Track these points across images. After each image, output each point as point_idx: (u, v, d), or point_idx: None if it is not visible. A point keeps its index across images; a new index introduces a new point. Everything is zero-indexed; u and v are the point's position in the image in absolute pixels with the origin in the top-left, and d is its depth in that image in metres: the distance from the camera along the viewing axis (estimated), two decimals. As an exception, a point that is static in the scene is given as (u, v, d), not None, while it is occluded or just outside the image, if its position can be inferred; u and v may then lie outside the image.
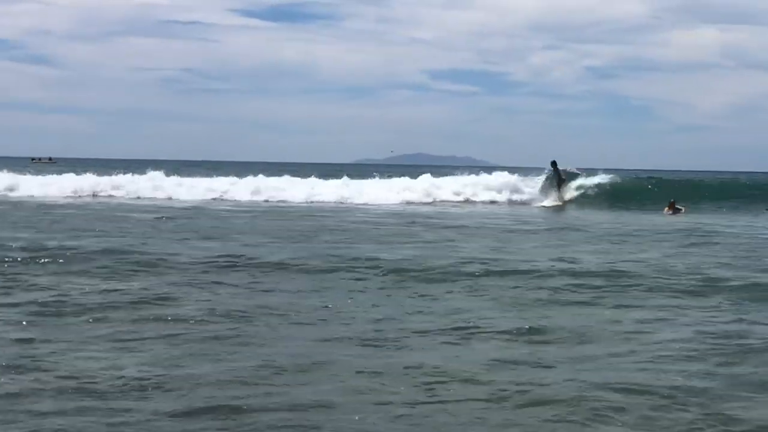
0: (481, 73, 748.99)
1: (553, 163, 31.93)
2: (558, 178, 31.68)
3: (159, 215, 20.76)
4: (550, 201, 30.95)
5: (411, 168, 59.13)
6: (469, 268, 11.37)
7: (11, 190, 31.50)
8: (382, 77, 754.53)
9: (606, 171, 33.61)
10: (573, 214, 26.43)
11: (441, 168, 49.61)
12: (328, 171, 51.85)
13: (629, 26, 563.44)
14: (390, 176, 35.86)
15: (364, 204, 29.39)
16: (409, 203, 30.40)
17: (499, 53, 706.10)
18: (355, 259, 12.06)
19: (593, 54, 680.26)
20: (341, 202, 30.16)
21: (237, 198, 30.67)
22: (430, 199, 31.47)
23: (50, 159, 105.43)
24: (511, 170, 33.98)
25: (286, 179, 34.85)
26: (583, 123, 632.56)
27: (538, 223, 22.17)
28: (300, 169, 52.76)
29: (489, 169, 36.36)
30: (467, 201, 31.42)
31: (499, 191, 32.28)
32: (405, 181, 33.77)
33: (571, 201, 31.16)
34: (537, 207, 30.00)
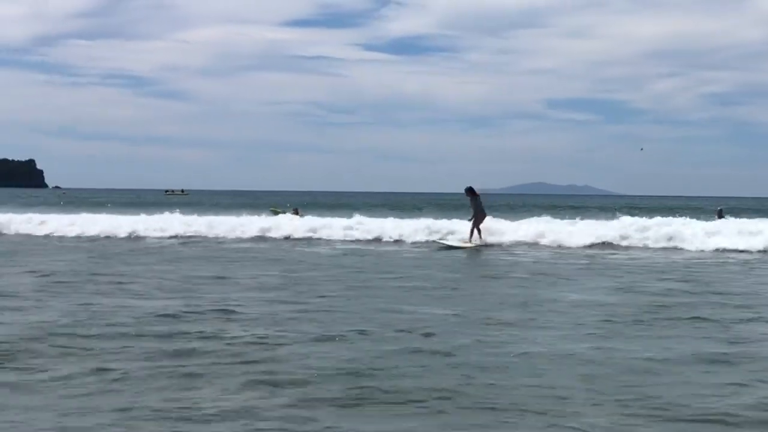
0: (601, 102, 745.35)
1: (469, 190, 24.51)
2: (474, 208, 24.53)
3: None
4: (461, 240, 24.85)
5: (532, 197, 57.85)
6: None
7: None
8: (502, 107, 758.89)
9: (732, 199, 31.48)
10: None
11: (562, 197, 48.31)
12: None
13: (749, 52, 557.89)
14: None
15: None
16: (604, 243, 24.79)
17: (619, 81, 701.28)
18: None
19: (715, 81, 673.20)
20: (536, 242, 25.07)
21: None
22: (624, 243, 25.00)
23: (183, 191, 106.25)
24: (631, 198, 31.93)
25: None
26: (706, 149, 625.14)
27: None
28: (432, 199, 50.93)
29: (608, 197, 34.39)
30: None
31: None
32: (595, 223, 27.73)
33: (487, 244, 24.25)
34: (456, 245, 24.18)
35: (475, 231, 24.47)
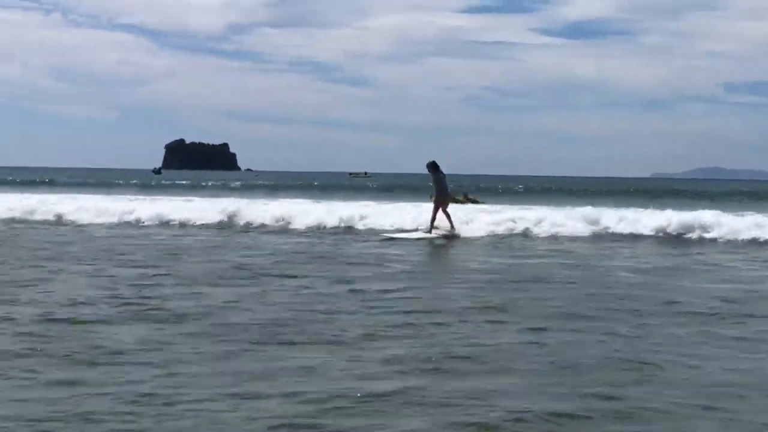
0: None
1: (431, 165, 19.74)
2: (436, 186, 19.55)
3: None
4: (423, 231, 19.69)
5: (708, 182, 55.61)
6: None
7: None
8: (677, 90, 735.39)
9: None
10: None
11: (740, 182, 46.41)
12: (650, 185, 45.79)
13: None
14: None
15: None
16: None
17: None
18: None
19: None
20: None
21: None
22: None
23: (365, 173, 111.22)
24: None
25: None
26: None
27: None
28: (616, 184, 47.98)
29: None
30: None
31: None
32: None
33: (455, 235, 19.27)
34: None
35: (444, 217, 19.42)
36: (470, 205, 30.71)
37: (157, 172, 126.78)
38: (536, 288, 10.92)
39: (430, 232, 19.38)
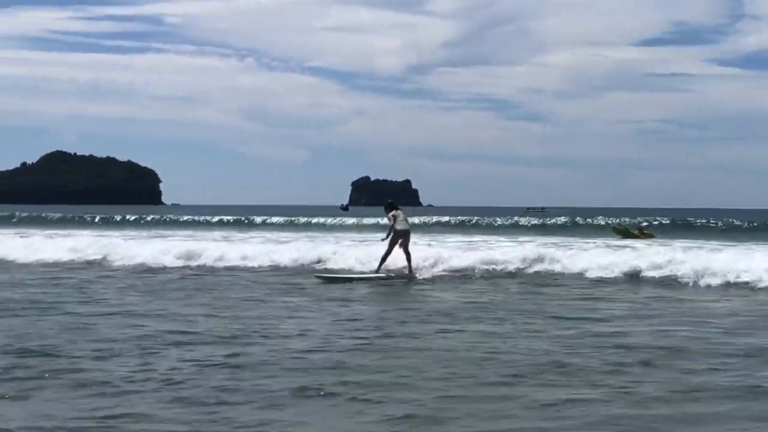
0: None
1: (390, 205, 19.28)
2: (392, 224, 18.73)
3: None
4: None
5: None
6: None
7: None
8: None
9: None
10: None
11: None
12: None
13: None
14: None
15: None
16: None
17: None
18: None
19: None
20: None
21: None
22: None
23: (542, 209, 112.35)
24: None
25: None
26: None
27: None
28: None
29: None
30: None
31: None
32: None
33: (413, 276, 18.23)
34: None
35: (401, 257, 18.75)
36: (647, 240, 31.28)
37: (344, 208, 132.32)
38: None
39: (377, 272, 18.24)
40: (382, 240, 19.11)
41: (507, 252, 20.83)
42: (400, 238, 18.65)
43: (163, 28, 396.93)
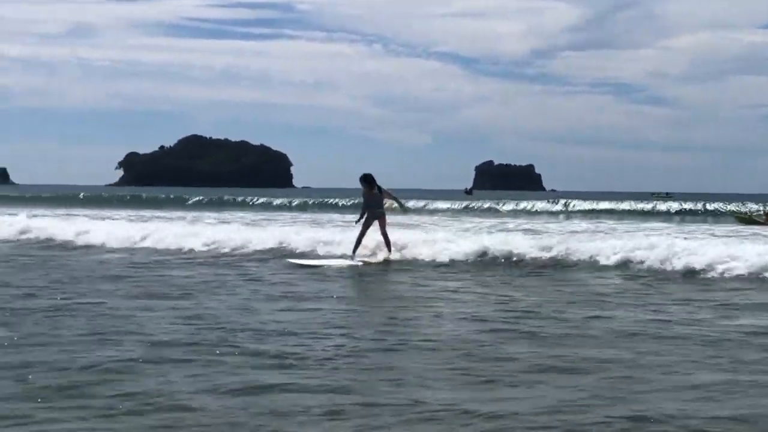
0: None
1: (364, 178, 17.21)
2: (367, 203, 17.19)
3: None
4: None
5: None
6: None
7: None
8: None
9: None
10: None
11: None
12: None
13: None
14: None
15: None
16: None
17: None
18: None
19: None
20: None
21: None
22: None
23: (667, 194, 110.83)
24: None
25: None
26: None
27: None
28: None
29: None
30: None
31: None
32: None
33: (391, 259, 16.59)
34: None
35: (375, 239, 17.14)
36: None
37: (468, 192, 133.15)
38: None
39: (352, 258, 16.56)
40: (356, 223, 17.38)
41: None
42: (374, 219, 16.98)
43: (294, 15, 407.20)
